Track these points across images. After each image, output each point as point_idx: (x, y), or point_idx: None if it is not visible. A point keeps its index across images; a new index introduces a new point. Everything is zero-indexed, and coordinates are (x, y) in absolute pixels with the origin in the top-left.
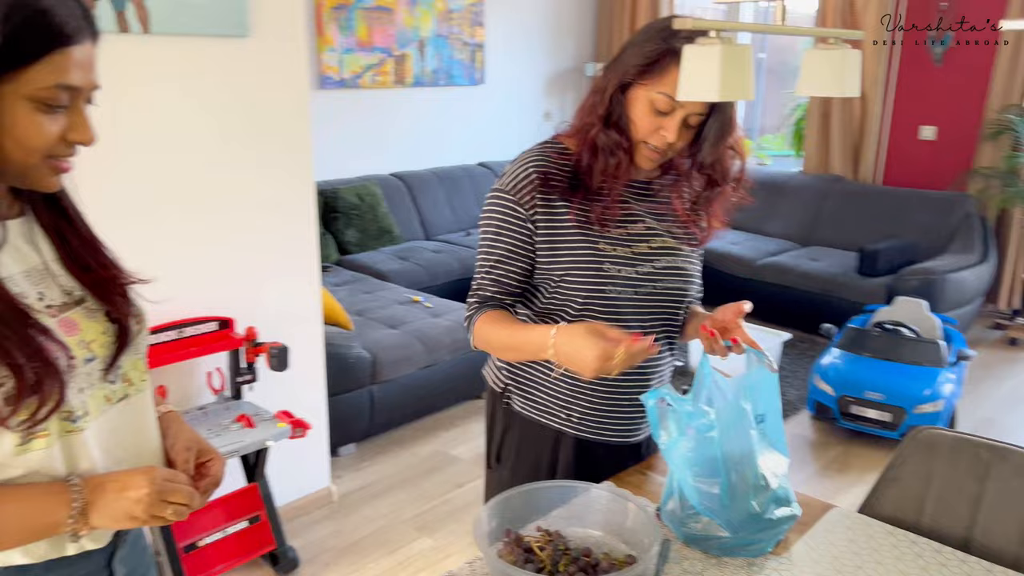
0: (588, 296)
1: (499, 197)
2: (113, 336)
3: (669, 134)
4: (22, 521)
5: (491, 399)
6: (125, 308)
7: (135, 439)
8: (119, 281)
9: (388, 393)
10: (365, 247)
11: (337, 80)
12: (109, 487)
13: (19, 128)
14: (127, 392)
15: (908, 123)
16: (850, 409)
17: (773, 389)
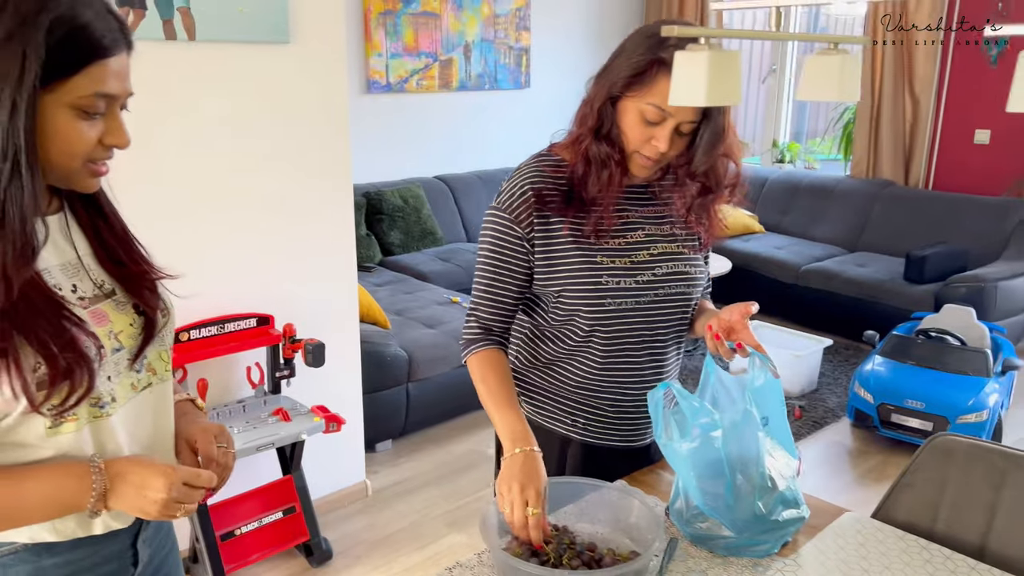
0: (590, 310)
1: (496, 216)
2: (140, 328)
3: (661, 144)
4: (45, 497)
5: None
6: (153, 302)
7: (157, 425)
8: (148, 276)
9: (424, 391)
10: (408, 248)
11: (383, 84)
12: (130, 479)
13: (61, 134)
14: (151, 381)
15: (961, 127)
16: (891, 417)
17: (777, 394)
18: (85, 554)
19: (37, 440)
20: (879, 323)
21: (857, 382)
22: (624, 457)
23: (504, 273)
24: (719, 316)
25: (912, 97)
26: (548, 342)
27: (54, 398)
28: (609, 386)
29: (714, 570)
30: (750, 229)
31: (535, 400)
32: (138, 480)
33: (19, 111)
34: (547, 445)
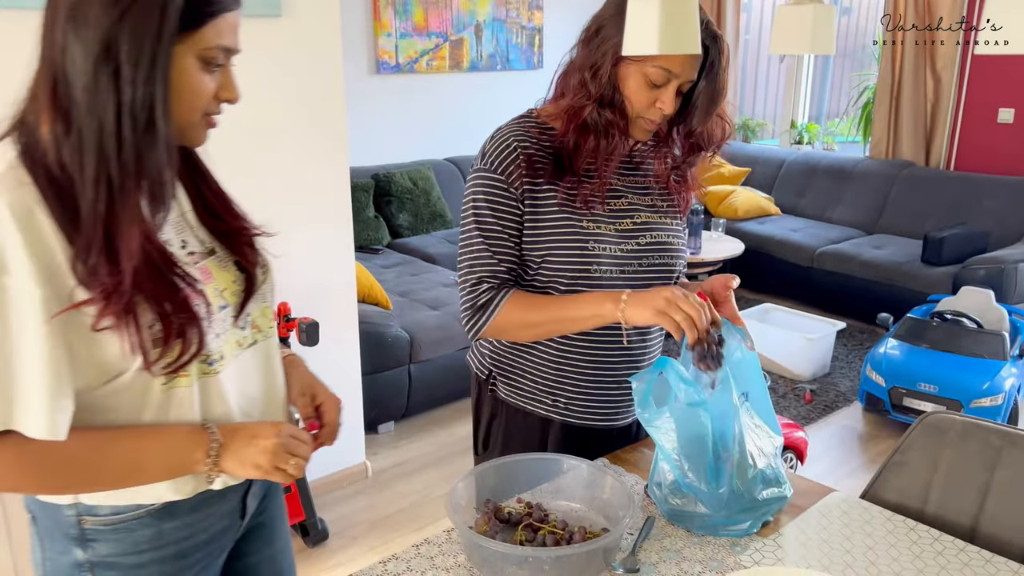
0: (574, 276)
1: (486, 176)
2: (242, 284)
3: (667, 106)
4: (163, 458)
5: (475, 385)
6: (253, 257)
7: (263, 382)
8: (248, 232)
9: (426, 373)
10: (417, 231)
11: (393, 65)
12: (241, 433)
13: (187, 86)
14: (256, 338)
15: (985, 105)
16: (903, 401)
17: (754, 368)
18: (202, 515)
19: (151, 397)
20: (895, 306)
21: (869, 365)
22: (606, 437)
23: (506, 235)
24: (700, 287)
25: (934, 76)
26: None
27: (167, 357)
28: (591, 361)
29: (690, 549)
30: (766, 211)
31: (514, 381)
32: (248, 433)
33: (158, 61)
34: (527, 427)
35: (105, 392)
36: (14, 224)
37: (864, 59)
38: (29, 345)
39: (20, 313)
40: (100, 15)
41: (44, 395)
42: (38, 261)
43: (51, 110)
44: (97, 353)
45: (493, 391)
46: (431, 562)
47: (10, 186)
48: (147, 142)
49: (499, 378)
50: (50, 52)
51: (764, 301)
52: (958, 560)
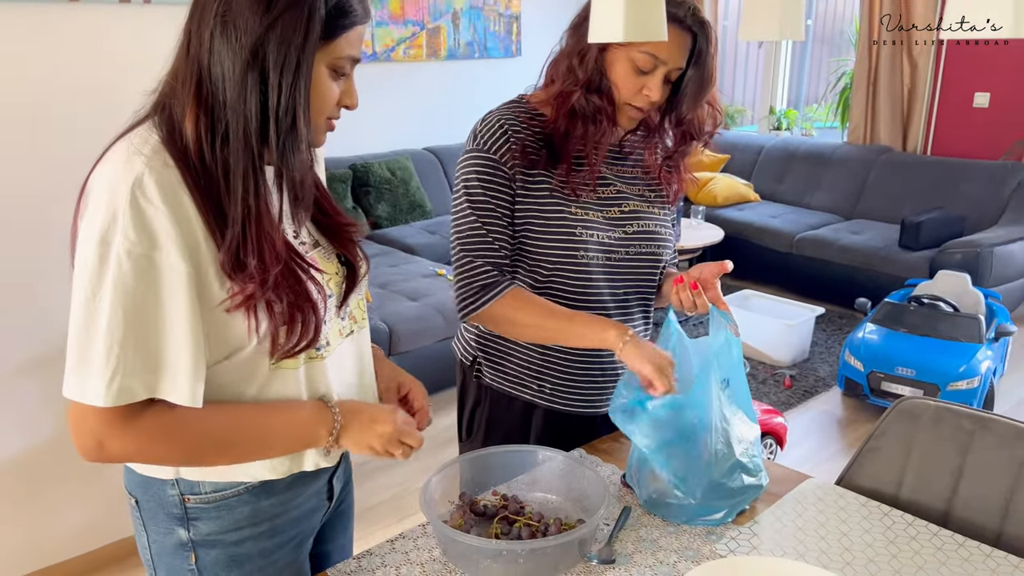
0: (559, 261)
1: (478, 156)
2: (343, 276)
3: (653, 93)
4: (291, 431)
5: (460, 372)
6: (355, 251)
7: (358, 370)
8: (349, 228)
9: (406, 364)
10: (396, 221)
11: (369, 54)
12: (362, 415)
13: (319, 93)
14: (353, 328)
15: (960, 90)
16: (881, 385)
17: (737, 354)
18: (295, 494)
19: (258, 374)
20: (874, 291)
21: (847, 350)
22: (589, 423)
23: (500, 214)
24: (690, 273)
25: (911, 61)
26: None
27: (285, 343)
28: (575, 350)
29: (666, 539)
30: (745, 198)
31: (499, 365)
32: (368, 416)
33: (302, 69)
34: (510, 412)
35: (220, 368)
36: (162, 201)
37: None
38: (177, 318)
39: (170, 287)
40: (251, 22)
41: (188, 365)
42: (184, 238)
43: (195, 107)
44: (223, 331)
45: (478, 377)
46: (406, 557)
47: (157, 166)
48: (292, 143)
49: (484, 363)
50: (197, 51)
51: (744, 287)
52: (931, 544)
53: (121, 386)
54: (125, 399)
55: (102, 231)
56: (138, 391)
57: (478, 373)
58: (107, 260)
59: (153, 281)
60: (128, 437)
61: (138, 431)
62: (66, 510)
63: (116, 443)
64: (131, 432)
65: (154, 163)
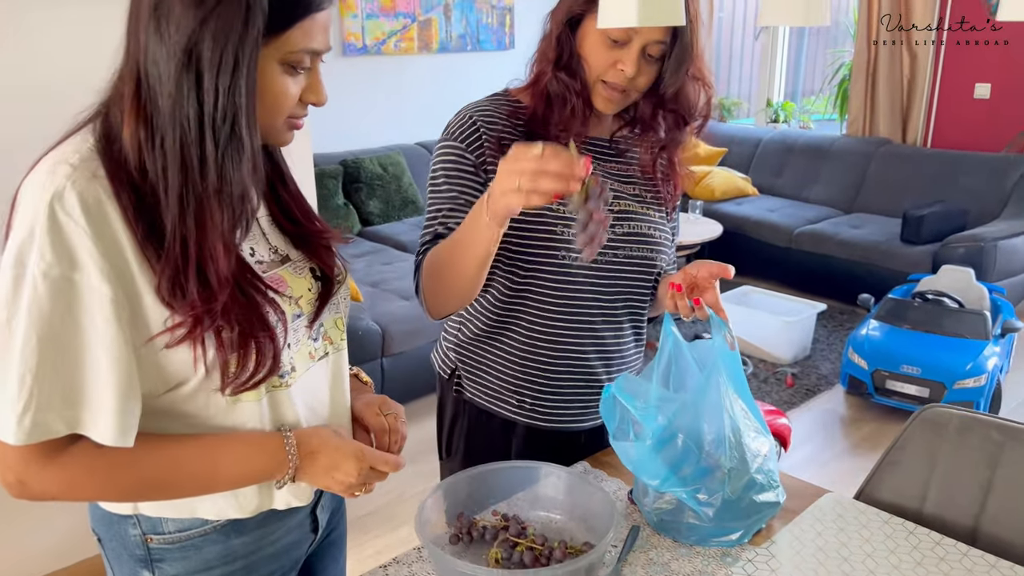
0: (537, 261)
1: (445, 147)
2: (317, 292)
3: (627, 67)
4: (238, 470)
5: (439, 385)
6: (330, 261)
7: (333, 397)
8: (324, 236)
9: (400, 366)
10: (388, 218)
11: (359, 47)
12: (320, 460)
13: (270, 92)
14: (327, 350)
15: (961, 81)
16: (885, 384)
17: (735, 366)
18: (271, 529)
19: (216, 410)
20: (875, 286)
21: (851, 348)
22: (575, 440)
23: (460, 199)
24: (686, 270)
25: (910, 51)
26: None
27: (241, 376)
28: (560, 354)
29: (678, 562)
30: (743, 192)
31: (479, 377)
32: (328, 462)
33: (241, 68)
34: (487, 429)
35: (165, 400)
36: (85, 219)
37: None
38: (100, 347)
39: (90, 312)
40: (183, 17)
41: (114, 399)
42: (109, 258)
43: (134, 113)
44: (162, 361)
45: (458, 391)
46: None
47: (84, 178)
48: (230, 155)
49: (464, 374)
50: (135, 51)
51: (743, 283)
52: (961, 566)
53: (35, 421)
54: (40, 435)
55: (18, 250)
56: (55, 427)
57: (458, 386)
58: (22, 282)
59: (72, 305)
60: (49, 476)
61: (60, 470)
62: (36, 528)
63: (36, 482)
64: (52, 470)
65: (80, 174)
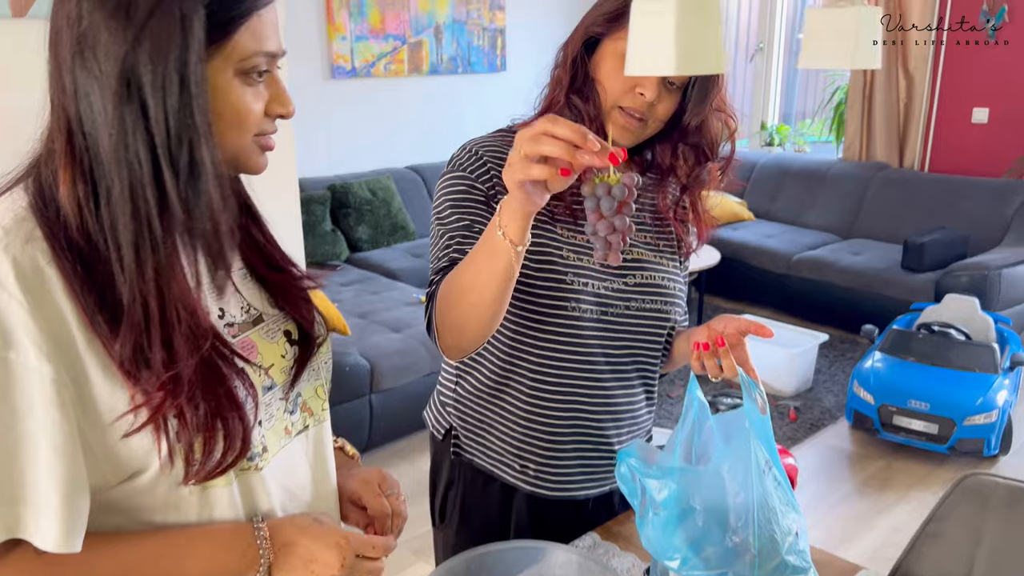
0: (547, 313)
1: (450, 178)
2: (292, 358)
3: (648, 91)
4: (206, 569)
5: (432, 446)
6: (309, 316)
7: (315, 477)
8: (302, 284)
9: (389, 402)
10: (377, 244)
11: (348, 69)
12: (297, 552)
13: (230, 108)
14: (307, 423)
15: (958, 105)
16: (892, 420)
17: (767, 432)
18: None
19: (177, 498)
20: (877, 314)
21: (856, 381)
22: (581, 509)
23: (472, 229)
24: (711, 326)
25: (906, 74)
26: (491, 354)
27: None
28: (566, 414)
29: None
30: (739, 217)
31: (478, 437)
32: (306, 554)
33: (188, 85)
34: (485, 495)
35: (119, 493)
36: (19, 288)
37: None
38: (39, 435)
39: (28, 395)
40: (110, 44)
41: (58, 495)
42: (48, 333)
43: (69, 168)
44: (115, 448)
45: (456, 452)
46: None
47: (18, 241)
48: (193, 187)
49: (461, 434)
50: (60, 99)
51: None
52: None
53: None
54: None
55: None
56: None
57: (455, 447)
58: None
59: (6, 389)
60: None
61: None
62: None
63: None
64: None
65: (14, 237)
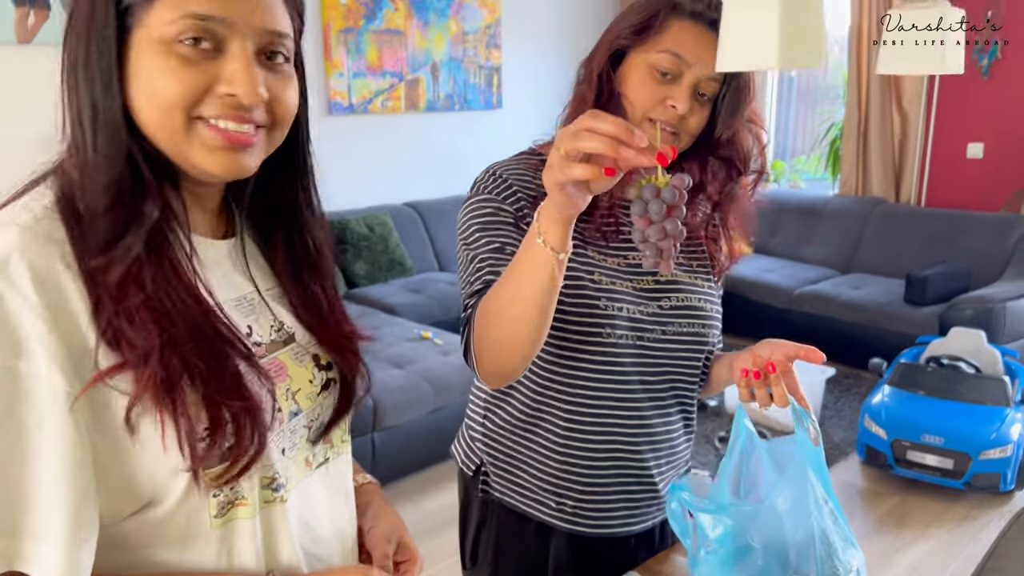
0: (581, 339)
1: (476, 202)
2: (320, 385)
3: (680, 103)
4: None
5: (462, 484)
6: (356, 366)
7: (332, 512)
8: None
9: (392, 441)
10: (375, 280)
11: (346, 106)
12: None
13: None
14: (327, 455)
15: (953, 141)
16: (906, 455)
17: (820, 464)
18: None
19: (199, 533)
20: (881, 349)
21: (867, 416)
22: (623, 546)
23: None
24: (754, 351)
25: (900, 111)
26: (523, 385)
27: (215, 464)
28: (604, 446)
29: None
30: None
31: (510, 474)
32: None
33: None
34: (521, 535)
35: (132, 526)
36: (35, 291)
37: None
38: (47, 454)
39: (36, 410)
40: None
41: (64, 524)
42: (62, 340)
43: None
44: (129, 464)
45: (485, 490)
46: None
47: (36, 241)
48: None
49: (492, 471)
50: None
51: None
52: None
53: None
54: None
55: None
56: None
57: (485, 485)
58: None
59: (13, 402)
60: None
61: None
62: None
63: None
64: None
65: (33, 235)
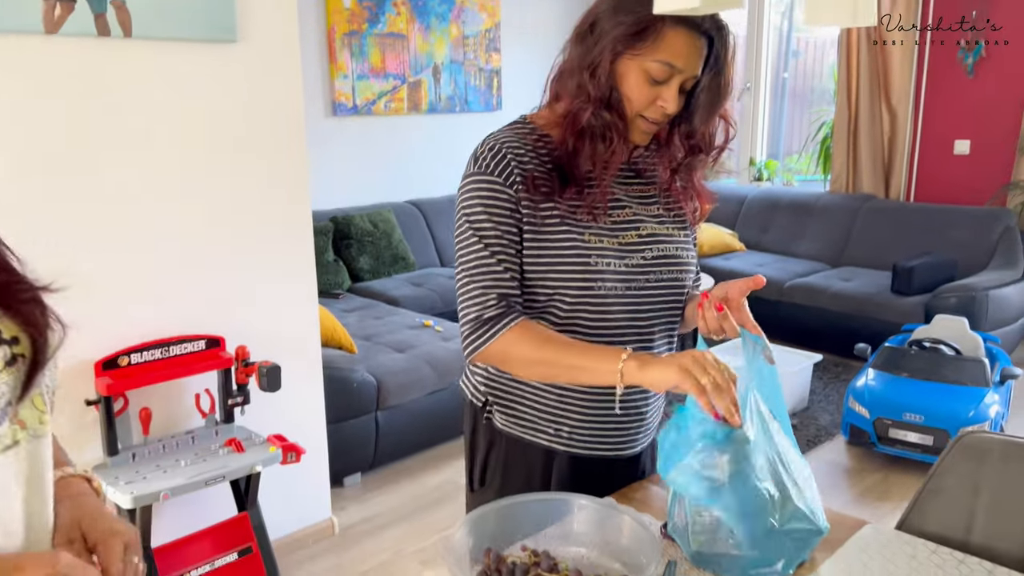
0: (577, 295)
1: (479, 180)
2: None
3: (669, 104)
4: None
5: (470, 413)
6: (36, 317)
7: (28, 505)
8: (25, 285)
9: (395, 419)
10: (378, 274)
11: (350, 107)
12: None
13: None
14: (17, 438)
15: (940, 137)
16: (888, 433)
17: (774, 384)
18: None
19: None
20: (869, 338)
21: (851, 397)
22: (615, 466)
23: (507, 241)
24: (713, 291)
25: (889, 109)
26: None
27: None
28: (600, 391)
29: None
30: (730, 247)
31: (512, 409)
32: (8, 565)
33: None
34: (528, 460)
35: None
36: None
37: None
38: None
39: None
40: None
41: None
42: None
43: None
44: None
45: (489, 419)
46: None
47: None
48: None
49: (496, 405)
50: None
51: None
52: None
53: None
54: None
55: None
56: None
57: (488, 416)
58: None
59: None
60: None
61: None
62: None
63: None
64: None
65: None
